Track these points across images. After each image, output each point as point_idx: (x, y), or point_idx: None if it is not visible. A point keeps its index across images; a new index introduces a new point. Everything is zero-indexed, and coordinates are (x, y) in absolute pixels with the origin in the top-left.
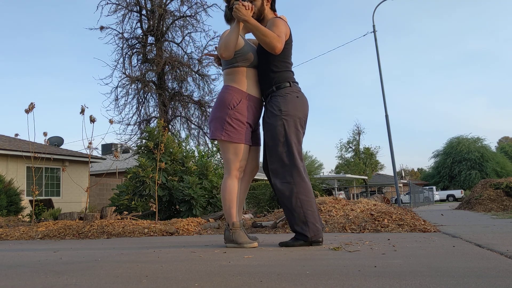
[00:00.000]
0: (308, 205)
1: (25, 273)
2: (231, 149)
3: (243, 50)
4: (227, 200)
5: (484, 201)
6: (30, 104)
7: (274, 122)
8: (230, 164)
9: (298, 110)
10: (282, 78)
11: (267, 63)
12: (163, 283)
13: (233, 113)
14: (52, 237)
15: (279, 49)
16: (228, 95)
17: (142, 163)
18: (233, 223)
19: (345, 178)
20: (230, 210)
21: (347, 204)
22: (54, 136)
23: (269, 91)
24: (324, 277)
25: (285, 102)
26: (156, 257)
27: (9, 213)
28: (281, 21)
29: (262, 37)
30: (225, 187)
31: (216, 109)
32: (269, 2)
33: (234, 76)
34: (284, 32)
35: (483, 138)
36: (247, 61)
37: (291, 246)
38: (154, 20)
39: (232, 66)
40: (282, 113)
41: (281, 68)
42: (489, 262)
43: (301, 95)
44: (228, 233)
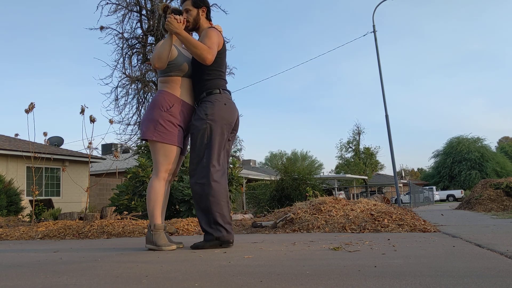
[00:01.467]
0: (219, 207)
1: (25, 273)
2: (162, 150)
3: (176, 60)
4: (152, 201)
5: (484, 201)
6: (30, 104)
7: (199, 125)
8: (159, 166)
9: (224, 117)
10: (213, 85)
11: (200, 71)
12: (163, 283)
13: (166, 115)
14: (52, 237)
15: (209, 60)
16: (161, 98)
17: (142, 163)
18: (154, 224)
19: (345, 178)
20: (154, 211)
21: (347, 204)
22: (54, 136)
23: (201, 97)
24: (324, 277)
25: (212, 107)
26: (156, 257)
27: (9, 213)
28: (214, 31)
29: (193, 49)
30: (151, 188)
31: (149, 110)
32: (205, 12)
33: (168, 84)
34: (216, 43)
35: (483, 138)
36: (181, 71)
37: (201, 248)
38: (154, 20)
39: (167, 75)
40: (208, 117)
41: (213, 76)
42: (489, 262)
43: (229, 102)
44: (150, 234)
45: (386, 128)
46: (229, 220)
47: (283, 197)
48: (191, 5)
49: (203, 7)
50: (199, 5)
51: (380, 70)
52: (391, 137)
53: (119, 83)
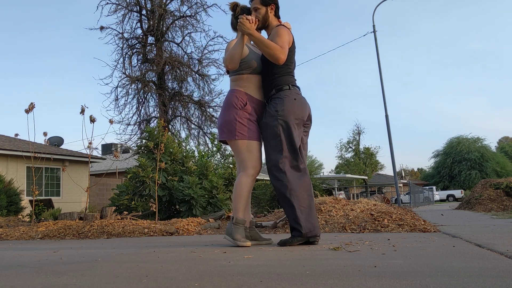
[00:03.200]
0: (303, 201)
1: (25, 273)
2: (245, 147)
3: (247, 58)
4: (238, 194)
5: (484, 201)
6: (30, 104)
7: (270, 122)
8: (246, 162)
9: (294, 112)
10: (282, 82)
11: (270, 68)
12: (163, 283)
13: (242, 113)
14: (52, 237)
15: (282, 60)
16: (234, 97)
17: (142, 163)
18: (236, 218)
19: (345, 178)
20: (238, 205)
21: (347, 204)
22: (54, 136)
23: (271, 94)
24: (324, 277)
25: (282, 103)
26: (156, 257)
27: (9, 213)
28: (285, 30)
29: (266, 49)
30: (239, 183)
31: (225, 111)
32: (273, 10)
33: (239, 82)
34: (287, 42)
35: (483, 138)
36: (251, 68)
37: (289, 244)
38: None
39: (238, 73)
40: (278, 113)
41: (282, 73)
42: (489, 262)
43: (299, 97)
44: (230, 225)
45: (386, 128)
46: (314, 214)
47: None
48: (260, 3)
49: (272, 4)
50: (268, 3)
51: (380, 70)
52: (391, 137)
53: (119, 83)
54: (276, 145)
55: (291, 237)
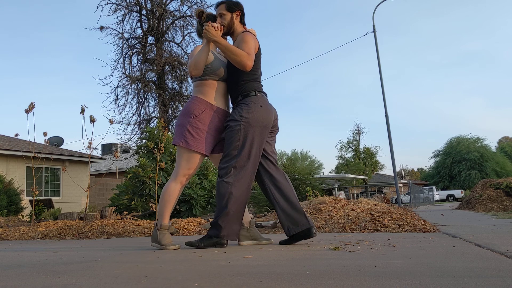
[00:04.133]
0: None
1: (25, 273)
2: (185, 155)
3: (212, 65)
4: (164, 201)
5: (484, 201)
6: (30, 104)
7: (233, 126)
8: (180, 170)
9: (259, 119)
10: (249, 88)
11: (236, 75)
12: (162, 283)
13: (194, 122)
14: (52, 237)
15: (249, 66)
16: (192, 104)
17: (142, 163)
18: (161, 224)
19: (345, 178)
20: (164, 211)
21: (347, 204)
22: (54, 136)
23: (237, 100)
24: (324, 277)
25: (247, 109)
26: (156, 257)
27: (9, 213)
28: (250, 36)
29: (233, 56)
30: (167, 188)
31: (180, 117)
32: (239, 16)
33: (202, 88)
34: (253, 48)
35: (483, 138)
36: (215, 75)
37: (196, 247)
38: (154, 20)
39: (201, 79)
40: (243, 119)
41: (249, 79)
42: (489, 262)
43: (265, 104)
44: (155, 232)
45: (386, 128)
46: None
47: None
48: (225, 9)
49: (237, 11)
50: (233, 9)
51: (380, 70)
52: (391, 137)
53: (119, 83)
54: (233, 149)
55: (202, 238)
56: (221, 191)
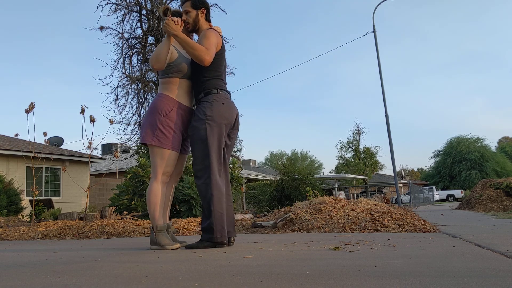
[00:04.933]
0: (220, 207)
1: (25, 273)
2: (159, 154)
3: (176, 62)
4: (152, 203)
5: (484, 201)
6: (30, 104)
7: (198, 125)
8: (157, 168)
9: (222, 116)
10: (211, 85)
11: (198, 72)
12: (163, 283)
13: (164, 120)
14: (52, 237)
15: (207, 61)
16: (160, 102)
17: (142, 163)
18: (156, 226)
19: (345, 178)
20: (154, 213)
21: (347, 204)
22: (54, 136)
23: (199, 97)
24: (324, 277)
25: (210, 107)
26: (156, 257)
27: (9, 213)
28: (213, 32)
29: (191, 50)
30: (150, 191)
31: (148, 115)
32: (204, 13)
33: (168, 86)
34: (214, 44)
35: (483, 138)
36: (180, 72)
37: (196, 248)
38: (154, 20)
39: (166, 76)
40: (207, 117)
41: (210, 76)
42: (489, 262)
43: (227, 102)
44: (152, 235)
45: (386, 128)
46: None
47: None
48: (190, 6)
49: (202, 8)
50: (198, 6)
51: (380, 70)
52: (391, 137)
53: (119, 83)
54: (203, 149)
55: (200, 241)
56: (203, 194)
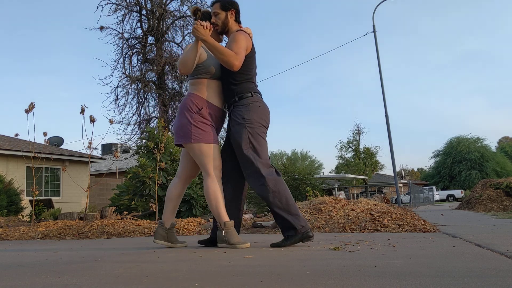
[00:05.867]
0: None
1: (25, 273)
2: (202, 151)
3: (205, 63)
4: (212, 200)
5: (484, 201)
6: (30, 104)
7: (239, 130)
8: (207, 166)
9: (260, 118)
10: (244, 89)
11: (229, 75)
12: (163, 283)
13: (196, 117)
14: (52, 237)
15: (236, 66)
16: (189, 101)
17: (142, 163)
18: (224, 222)
19: (345, 178)
20: (218, 210)
21: (347, 204)
22: (54, 136)
23: (232, 101)
24: (324, 277)
25: (247, 111)
26: (156, 257)
27: (9, 213)
28: (242, 35)
29: (220, 55)
30: (207, 188)
31: (180, 115)
32: (233, 15)
33: (197, 86)
34: (244, 47)
35: (483, 138)
36: (209, 73)
37: (283, 246)
38: (154, 20)
39: (195, 77)
40: (246, 121)
41: (242, 80)
42: (489, 262)
43: (262, 104)
44: (220, 233)
45: (386, 128)
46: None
47: None
48: (219, 8)
49: (232, 9)
50: (227, 8)
51: (380, 70)
52: (391, 137)
53: (119, 83)
54: (250, 152)
55: (285, 238)
56: (264, 195)
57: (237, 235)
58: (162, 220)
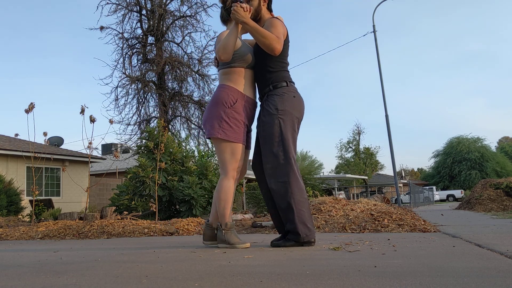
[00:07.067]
0: (302, 205)
1: (25, 273)
2: (228, 148)
3: (240, 51)
4: (222, 200)
5: (484, 201)
6: (30, 104)
7: (270, 121)
8: (227, 164)
9: (294, 110)
10: (279, 78)
11: (264, 63)
12: (163, 283)
13: (230, 112)
14: (52, 237)
15: (278, 50)
16: (224, 93)
17: (142, 163)
18: (226, 223)
19: (345, 178)
20: (225, 210)
21: (347, 204)
22: (54, 136)
23: (266, 90)
24: (324, 277)
25: (282, 101)
26: (156, 257)
27: (9, 213)
28: (279, 21)
29: (262, 39)
30: (221, 187)
31: (212, 107)
32: (266, 2)
33: (231, 76)
34: (282, 33)
35: (483, 138)
36: (245, 62)
37: (283, 246)
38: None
39: (229, 66)
40: (279, 112)
41: (277, 68)
42: (489, 262)
43: (297, 95)
44: (221, 233)
45: (386, 128)
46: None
47: None
48: None
49: None
50: None
51: (380, 70)
52: (391, 137)
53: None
54: (277, 145)
55: (286, 240)
56: (282, 193)
57: (237, 235)
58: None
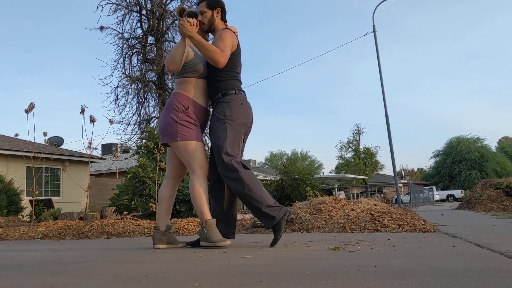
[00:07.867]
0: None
1: (25, 273)
2: (188, 149)
3: (192, 62)
4: (197, 198)
5: (484, 201)
6: (30, 104)
7: (218, 126)
8: (192, 164)
9: (242, 116)
10: (228, 86)
11: (214, 73)
12: (162, 283)
13: (183, 116)
14: (52, 237)
15: (222, 63)
16: (176, 100)
17: (142, 163)
18: (206, 221)
19: (345, 178)
20: (202, 208)
21: (347, 204)
22: (54, 136)
23: (216, 98)
24: (324, 277)
25: (229, 107)
26: (156, 257)
27: (9, 213)
28: (228, 33)
29: (206, 52)
30: (192, 187)
31: (165, 114)
32: (219, 13)
33: (184, 85)
34: (229, 45)
35: (483, 138)
36: (196, 72)
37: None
38: (154, 20)
39: (182, 76)
40: (227, 117)
41: (227, 77)
42: (489, 262)
43: (245, 102)
44: (203, 231)
45: (386, 128)
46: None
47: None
48: (205, 6)
49: (218, 8)
50: (213, 6)
51: (380, 70)
52: (391, 137)
53: (119, 83)
54: (224, 147)
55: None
56: (240, 190)
57: (218, 233)
58: (157, 224)
